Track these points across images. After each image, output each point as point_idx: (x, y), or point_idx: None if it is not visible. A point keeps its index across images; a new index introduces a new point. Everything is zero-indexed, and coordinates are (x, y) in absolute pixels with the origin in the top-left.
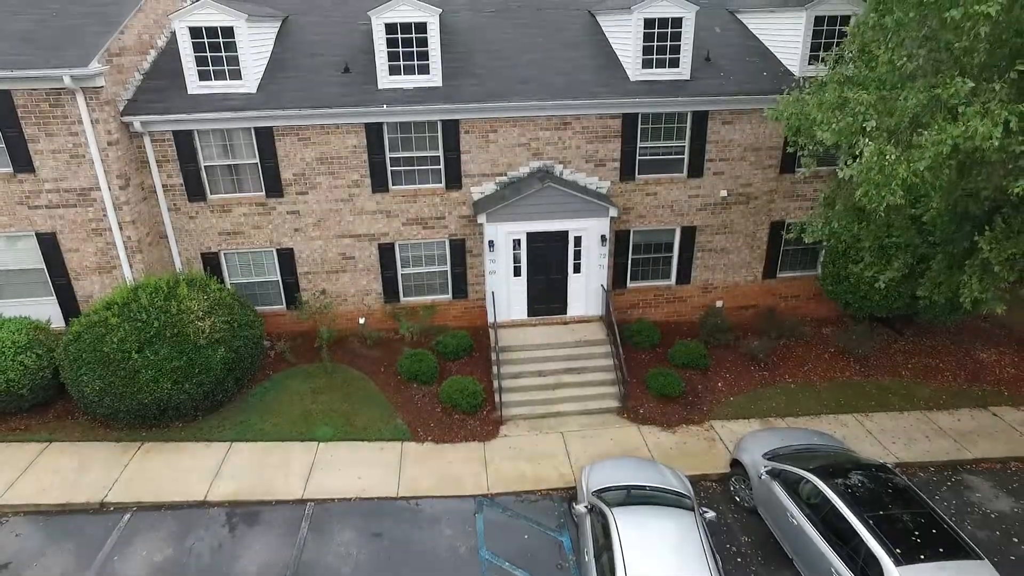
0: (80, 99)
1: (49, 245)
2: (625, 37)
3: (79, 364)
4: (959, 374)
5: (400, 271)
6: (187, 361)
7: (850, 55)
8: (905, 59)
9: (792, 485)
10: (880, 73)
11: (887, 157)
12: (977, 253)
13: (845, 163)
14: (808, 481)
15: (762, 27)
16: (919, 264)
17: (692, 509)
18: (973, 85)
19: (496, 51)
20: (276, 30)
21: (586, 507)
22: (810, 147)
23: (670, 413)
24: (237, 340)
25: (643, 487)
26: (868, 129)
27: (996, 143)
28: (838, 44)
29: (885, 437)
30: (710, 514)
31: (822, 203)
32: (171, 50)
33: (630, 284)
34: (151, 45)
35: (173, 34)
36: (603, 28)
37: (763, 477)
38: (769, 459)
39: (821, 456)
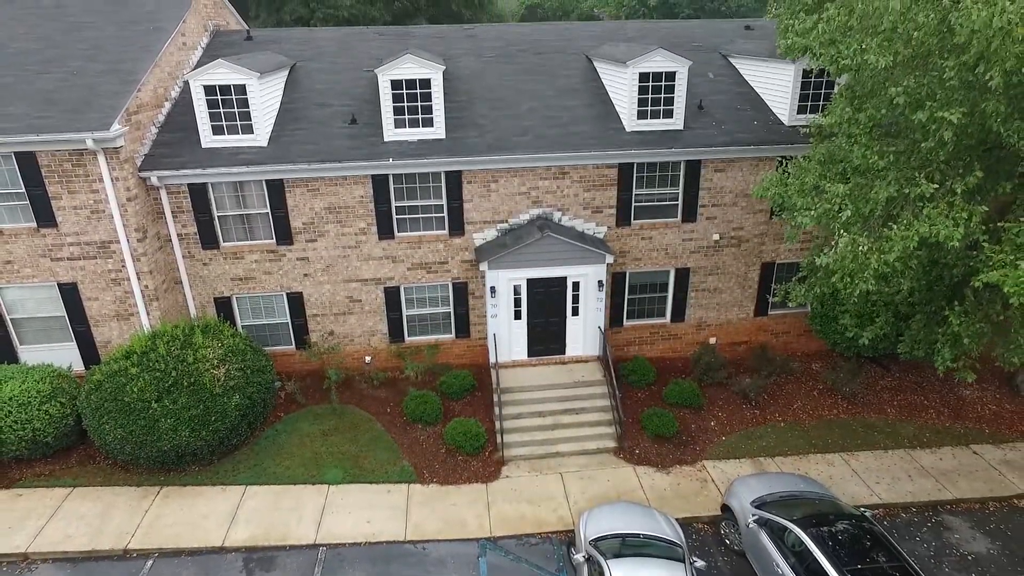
0: (101, 159)
1: (70, 294)
2: (621, 87)
3: (101, 413)
4: (943, 411)
5: (405, 312)
6: (204, 409)
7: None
8: (877, 157)
9: (778, 533)
10: (855, 164)
11: (860, 248)
12: (948, 326)
13: (821, 251)
14: (792, 531)
15: (753, 75)
16: (900, 322)
17: (683, 559)
18: (937, 186)
19: (497, 99)
20: (285, 78)
21: (584, 557)
22: (792, 224)
23: (664, 453)
24: (251, 386)
25: (637, 535)
26: (843, 218)
27: (957, 242)
28: (823, 110)
29: (869, 477)
30: (699, 563)
31: (805, 267)
32: (184, 100)
33: (626, 322)
34: (166, 97)
35: (186, 84)
36: (599, 73)
37: (751, 525)
38: (757, 507)
39: (806, 504)
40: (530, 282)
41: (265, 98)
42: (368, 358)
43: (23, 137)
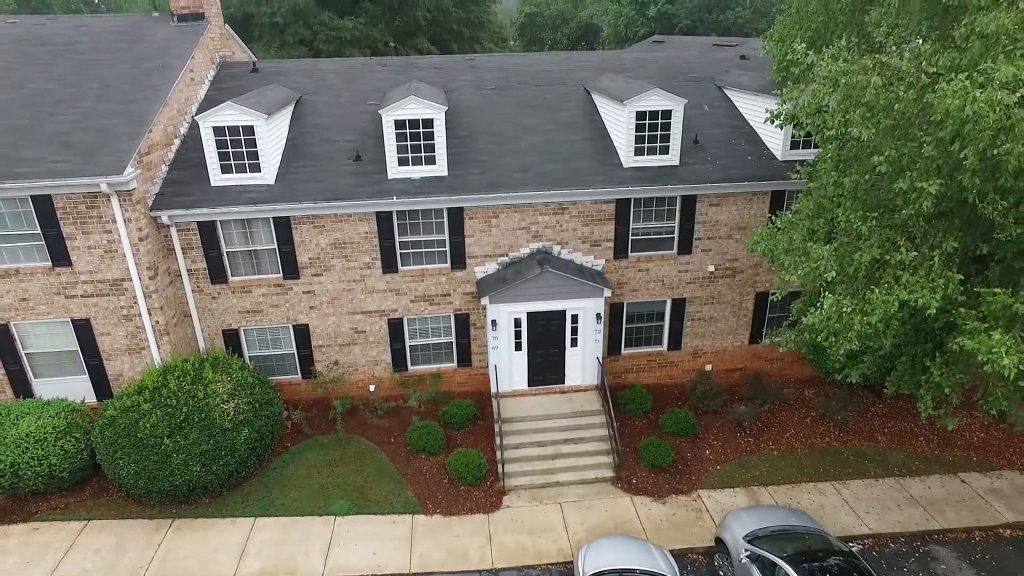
0: (115, 201)
1: (83, 330)
2: (618, 124)
3: (115, 448)
4: (932, 439)
5: (408, 343)
6: (214, 444)
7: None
8: (860, 222)
9: (769, 568)
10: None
11: (844, 309)
12: (929, 375)
13: (808, 310)
14: (781, 568)
15: (748, 108)
16: (886, 362)
17: None
18: (916, 254)
19: (497, 133)
20: (290, 113)
21: None
22: (780, 278)
23: (661, 483)
24: (259, 420)
25: (633, 571)
26: (829, 279)
27: (935, 309)
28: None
29: (860, 506)
30: None
31: (795, 313)
32: (193, 135)
33: (624, 351)
34: (175, 134)
35: (195, 119)
36: (597, 106)
37: (743, 560)
38: (749, 541)
39: (796, 540)
40: (530, 315)
41: (272, 137)
42: (372, 386)
43: (40, 182)
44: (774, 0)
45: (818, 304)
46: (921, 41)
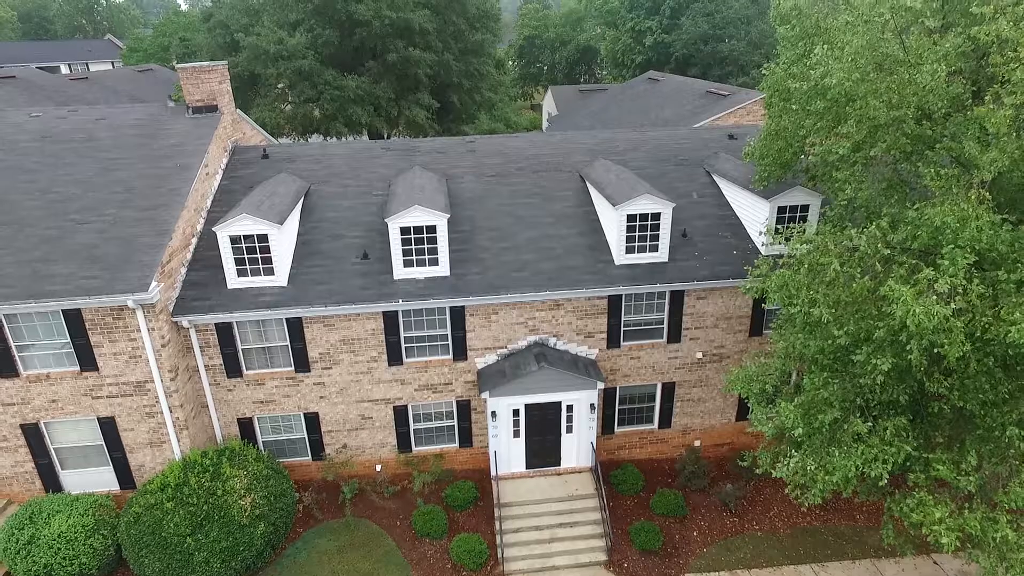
0: (139, 313)
1: (108, 427)
2: (610, 222)
3: (140, 546)
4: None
5: (412, 426)
6: (233, 541)
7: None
8: (822, 387)
9: None
10: (803, 398)
11: (808, 468)
12: (889, 510)
13: (774, 466)
14: None
15: (735, 198)
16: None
17: None
18: (871, 425)
19: (496, 228)
20: (301, 206)
21: None
22: (755, 425)
23: (651, 567)
24: (274, 513)
25: None
26: (796, 435)
27: (885, 480)
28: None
29: None
30: None
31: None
32: (209, 233)
33: (618, 429)
34: (193, 234)
35: (210, 214)
36: (591, 196)
37: None
38: None
39: None
40: (528, 406)
41: (284, 240)
42: (379, 466)
43: (71, 300)
44: (768, 32)
45: (786, 457)
46: (875, 225)
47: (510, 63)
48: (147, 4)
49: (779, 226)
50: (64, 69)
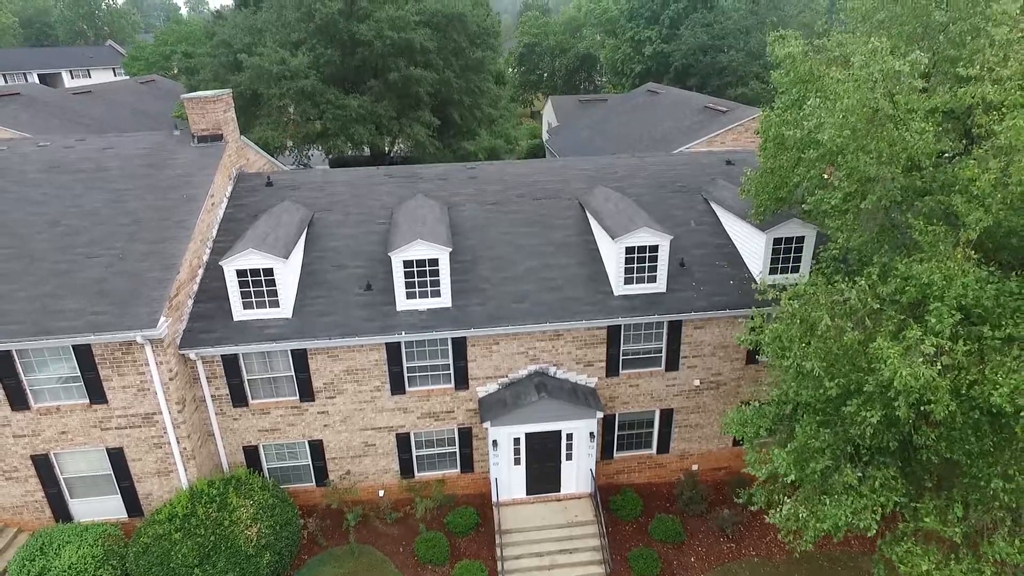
0: (148, 348)
1: (117, 457)
2: (609, 254)
3: None
4: None
5: (415, 453)
6: (239, 571)
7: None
8: (813, 438)
9: None
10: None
11: (800, 516)
12: (880, 552)
13: (768, 508)
14: None
15: (731, 227)
16: None
17: None
18: (860, 475)
19: (497, 258)
20: (305, 235)
21: None
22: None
23: None
24: (280, 542)
25: None
26: (789, 480)
27: (873, 531)
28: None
29: None
30: None
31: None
32: (214, 263)
33: (617, 454)
34: (199, 265)
35: (215, 243)
36: (591, 225)
37: None
38: None
39: None
40: (528, 435)
41: (289, 273)
42: (381, 492)
43: (82, 336)
44: (766, 43)
45: (779, 503)
46: (864, 277)
47: (510, 70)
48: (148, 8)
49: (772, 273)
50: (66, 75)
